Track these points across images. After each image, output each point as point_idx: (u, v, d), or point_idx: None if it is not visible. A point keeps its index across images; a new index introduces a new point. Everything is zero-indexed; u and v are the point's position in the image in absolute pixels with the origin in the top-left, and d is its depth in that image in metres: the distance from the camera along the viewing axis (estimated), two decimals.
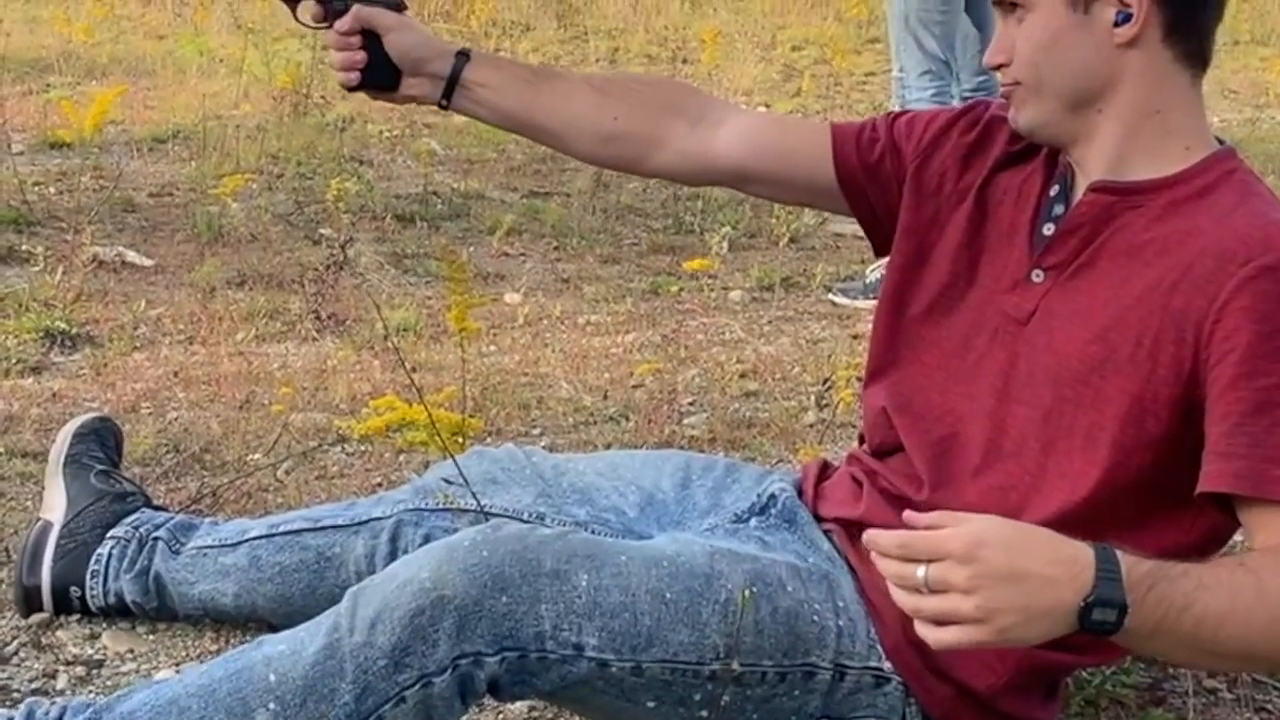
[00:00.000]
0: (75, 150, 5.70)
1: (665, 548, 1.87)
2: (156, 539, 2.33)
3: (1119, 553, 1.49)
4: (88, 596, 2.34)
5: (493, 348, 3.94)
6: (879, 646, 1.87)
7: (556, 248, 5.01)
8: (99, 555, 2.34)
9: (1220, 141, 1.86)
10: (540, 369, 3.78)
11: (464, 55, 2.13)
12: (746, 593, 1.80)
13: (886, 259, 2.07)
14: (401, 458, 3.12)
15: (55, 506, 2.42)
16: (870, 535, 1.53)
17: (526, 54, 9.10)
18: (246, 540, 2.29)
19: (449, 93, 2.12)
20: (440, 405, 2.89)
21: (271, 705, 1.73)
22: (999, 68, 1.87)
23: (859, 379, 3.32)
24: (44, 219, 4.85)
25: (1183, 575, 1.52)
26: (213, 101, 6.73)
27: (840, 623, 1.86)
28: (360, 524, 2.23)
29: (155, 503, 2.51)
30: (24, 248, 4.49)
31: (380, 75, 2.10)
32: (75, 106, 5.85)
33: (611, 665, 1.77)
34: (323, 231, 4.87)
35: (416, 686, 1.72)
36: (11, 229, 4.69)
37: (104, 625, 2.35)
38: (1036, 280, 1.86)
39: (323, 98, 6.51)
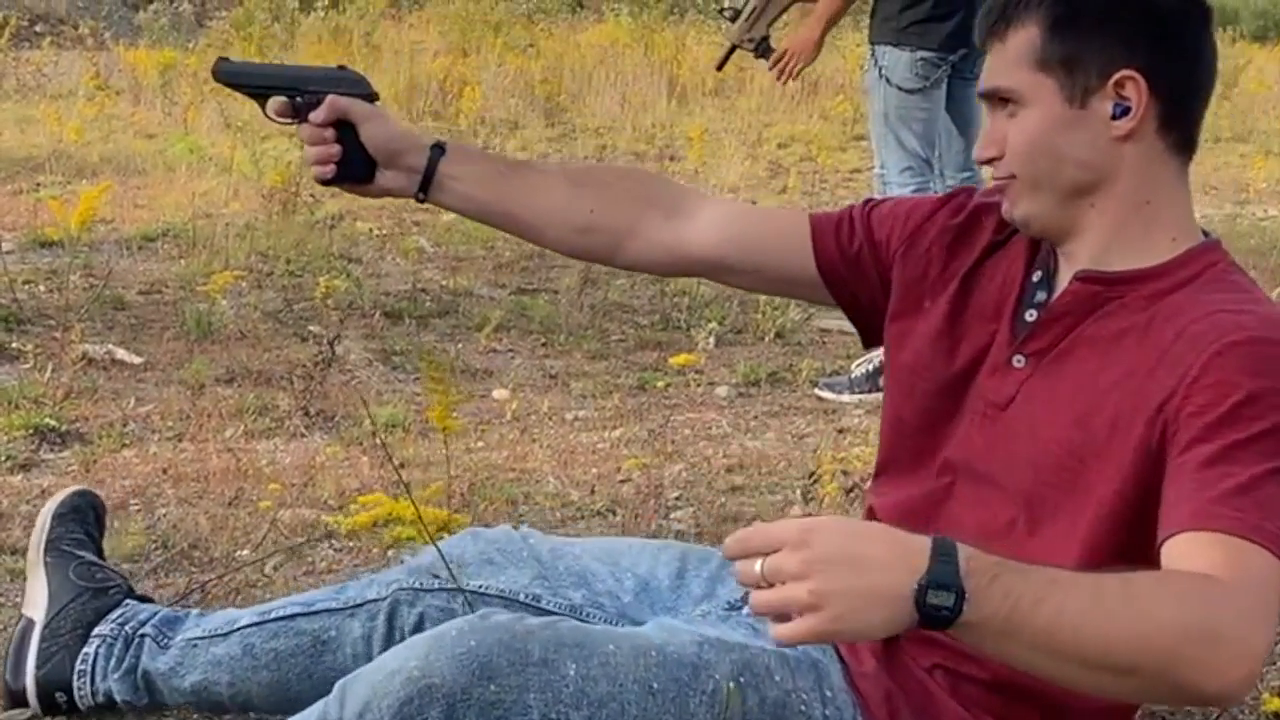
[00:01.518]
0: (65, 248, 5.74)
1: (653, 636, 1.87)
2: (143, 635, 2.32)
3: (959, 543, 1.46)
4: (76, 698, 2.32)
5: (480, 443, 3.96)
6: None
7: (544, 344, 5.04)
8: (85, 655, 2.32)
9: (1205, 234, 1.87)
10: (528, 464, 3.79)
11: (439, 148, 2.12)
12: (731, 685, 1.81)
13: (873, 353, 2.08)
14: (389, 553, 3.12)
15: (37, 603, 2.40)
16: (725, 543, 1.52)
17: (515, 151, 9.19)
18: (237, 629, 2.28)
19: (425, 186, 2.11)
20: (427, 501, 2.90)
21: None
22: (990, 161, 1.88)
23: (844, 473, 3.35)
24: (34, 317, 4.88)
25: (1035, 570, 1.48)
26: (202, 200, 6.79)
27: (827, 712, 1.86)
28: (356, 606, 2.23)
29: (138, 591, 2.50)
30: (13, 345, 4.50)
31: (355, 168, 2.08)
32: (65, 205, 5.90)
33: None
34: (311, 328, 4.90)
35: None
36: (1, 326, 4.73)
37: None
38: (1018, 365, 1.86)
39: (312, 196, 6.56)
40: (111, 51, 12.82)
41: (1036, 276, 1.90)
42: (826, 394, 4.54)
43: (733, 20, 4.87)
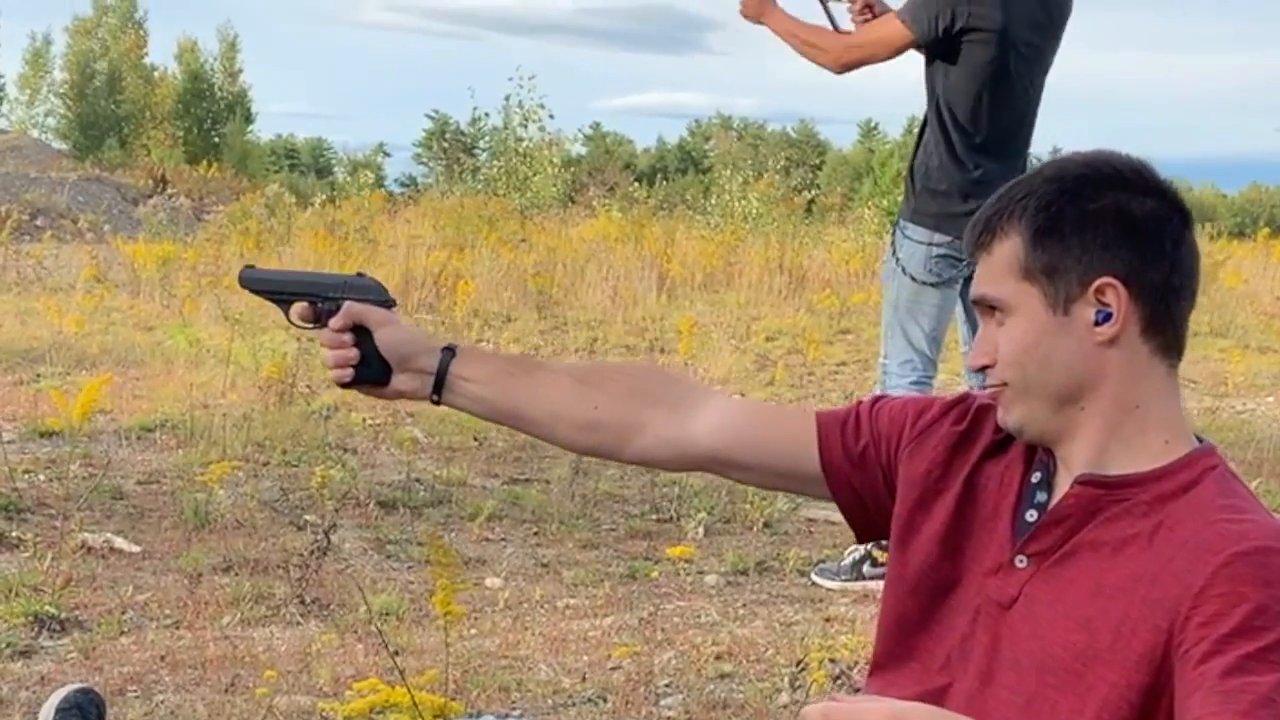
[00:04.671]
0: (65, 438, 5.83)
1: None
2: None
3: None
4: None
5: (474, 631, 4.01)
6: None
7: (536, 533, 5.11)
8: None
9: (1199, 439, 1.90)
10: (520, 652, 3.84)
11: (450, 351, 2.20)
12: None
13: (864, 544, 2.10)
14: None
15: None
16: (803, 711, 1.51)
17: (508, 344, 9.33)
18: None
19: (439, 388, 2.18)
20: (422, 688, 2.95)
21: None
22: (984, 369, 1.93)
23: (831, 660, 3.40)
24: (33, 506, 4.95)
25: None
26: (200, 391, 6.89)
27: None
28: None
29: None
30: (14, 534, 4.57)
31: (372, 371, 2.17)
32: (65, 396, 6.00)
33: None
34: (307, 518, 4.97)
35: None
36: (1, 515, 4.79)
37: None
38: (1020, 566, 1.89)
39: (308, 387, 6.68)
40: (110, 245, 13.06)
41: (1036, 477, 1.94)
42: (821, 580, 4.59)
43: None
